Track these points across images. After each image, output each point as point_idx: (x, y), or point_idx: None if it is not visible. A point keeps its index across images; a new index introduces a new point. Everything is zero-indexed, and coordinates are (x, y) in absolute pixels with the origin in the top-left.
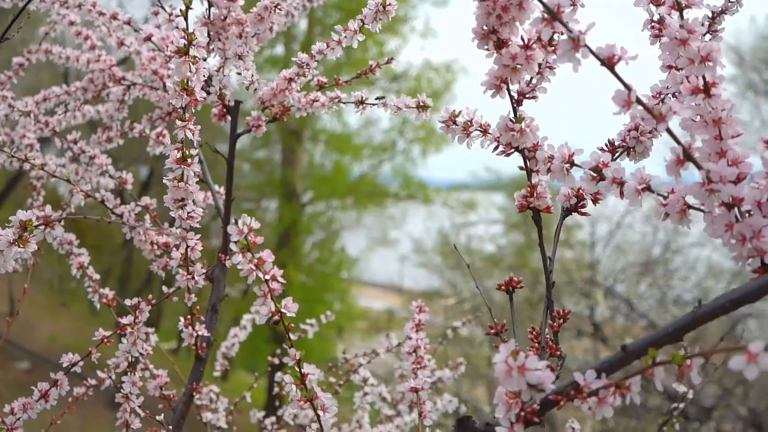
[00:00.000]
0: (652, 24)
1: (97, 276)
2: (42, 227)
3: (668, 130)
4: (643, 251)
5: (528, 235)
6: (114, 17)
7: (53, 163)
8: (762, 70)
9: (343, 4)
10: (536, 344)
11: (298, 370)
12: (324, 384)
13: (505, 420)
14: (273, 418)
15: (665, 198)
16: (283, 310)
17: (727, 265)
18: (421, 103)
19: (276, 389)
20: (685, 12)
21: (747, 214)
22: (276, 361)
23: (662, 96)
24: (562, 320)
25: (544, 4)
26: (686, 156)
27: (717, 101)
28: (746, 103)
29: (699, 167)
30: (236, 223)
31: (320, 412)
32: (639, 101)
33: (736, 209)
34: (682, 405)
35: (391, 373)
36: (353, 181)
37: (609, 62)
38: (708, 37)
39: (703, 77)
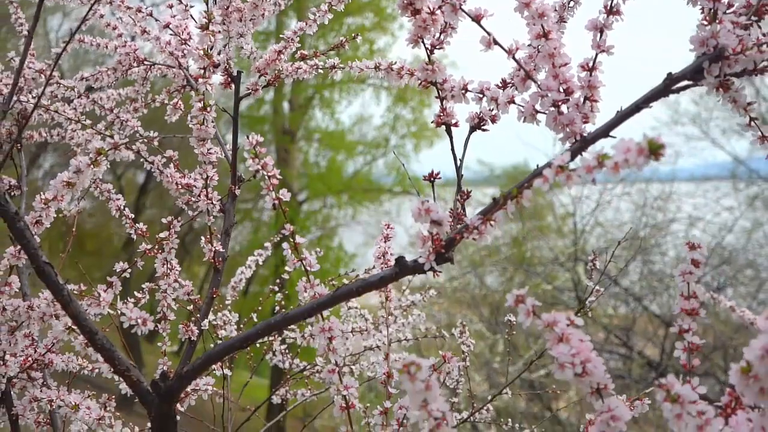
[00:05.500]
0: None
1: (132, 215)
2: (112, 151)
3: (515, 59)
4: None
5: (523, 226)
6: (138, 10)
7: (95, 129)
8: None
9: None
10: (452, 217)
11: (292, 240)
12: None
13: (423, 252)
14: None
15: (523, 107)
16: (280, 196)
17: (704, 240)
18: (377, 65)
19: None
20: None
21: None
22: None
23: None
24: (467, 196)
25: None
26: (527, 76)
27: (551, 42)
28: (749, 87)
29: (535, 82)
30: (247, 137)
31: (308, 267)
32: (495, 42)
33: (564, 108)
34: (593, 298)
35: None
36: (347, 178)
37: (477, 18)
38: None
39: (542, 26)
